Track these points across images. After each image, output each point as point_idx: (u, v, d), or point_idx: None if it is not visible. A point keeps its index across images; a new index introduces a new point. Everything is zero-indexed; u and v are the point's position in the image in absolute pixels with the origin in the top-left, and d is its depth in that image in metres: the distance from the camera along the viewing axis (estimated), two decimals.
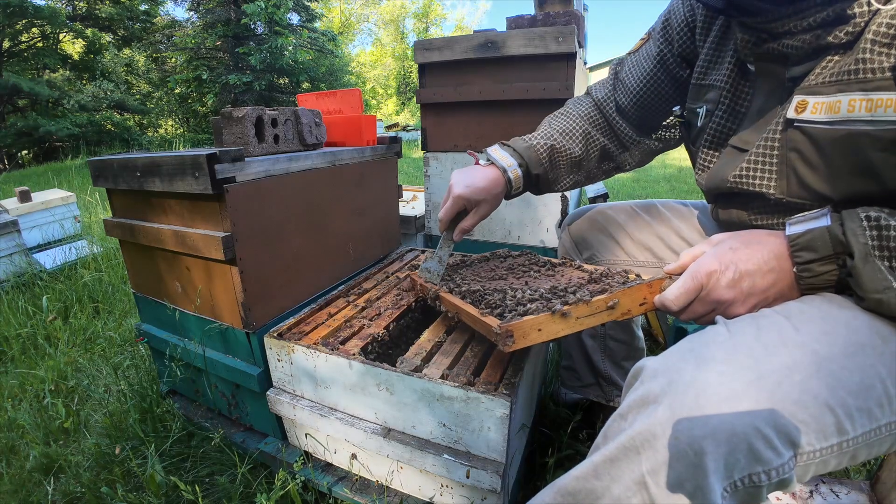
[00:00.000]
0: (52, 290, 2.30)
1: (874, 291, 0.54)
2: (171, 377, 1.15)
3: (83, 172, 7.15)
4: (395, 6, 31.26)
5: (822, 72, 0.61)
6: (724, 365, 0.52)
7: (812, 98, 0.61)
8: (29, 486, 1.16)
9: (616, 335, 1.23)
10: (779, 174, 0.67)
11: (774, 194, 0.68)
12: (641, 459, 0.50)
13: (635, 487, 0.50)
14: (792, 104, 0.63)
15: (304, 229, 1.16)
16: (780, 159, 0.67)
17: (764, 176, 0.69)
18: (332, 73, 17.09)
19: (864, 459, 0.55)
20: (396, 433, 0.90)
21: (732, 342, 0.55)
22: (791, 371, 0.50)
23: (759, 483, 0.48)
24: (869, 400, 0.51)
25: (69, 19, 12.98)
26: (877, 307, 0.55)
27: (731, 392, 0.49)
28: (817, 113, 0.60)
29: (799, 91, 0.63)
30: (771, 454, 0.47)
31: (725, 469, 0.47)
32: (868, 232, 0.54)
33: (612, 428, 0.56)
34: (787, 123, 0.64)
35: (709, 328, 0.61)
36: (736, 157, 0.75)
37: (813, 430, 0.49)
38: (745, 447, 0.47)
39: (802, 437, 0.49)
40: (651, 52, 0.95)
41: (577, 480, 0.56)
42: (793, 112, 0.63)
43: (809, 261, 0.58)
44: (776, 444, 0.47)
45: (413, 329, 1.18)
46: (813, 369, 0.51)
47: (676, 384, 0.51)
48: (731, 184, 0.74)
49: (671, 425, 0.49)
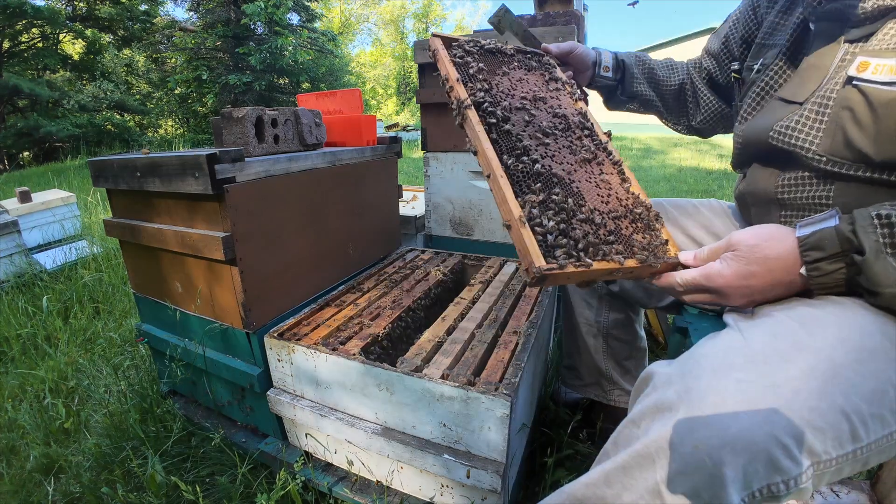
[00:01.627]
0: (52, 291, 2.30)
1: (888, 286, 0.54)
2: (171, 377, 1.15)
3: (83, 173, 7.15)
4: (395, 6, 31.26)
5: (885, 38, 0.64)
6: (741, 372, 0.51)
7: (875, 59, 0.63)
8: (29, 486, 1.16)
9: (618, 334, 1.23)
10: (826, 131, 0.68)
11: (816, 151, 0.69)
12: (656, 468, 0.49)
13: (648, 497, 0.50)
14: (854, 63, 0.65)
15: (304, 229, 1.16)
16: (830, 117, 0.67)
17: (811, 132, 0.69)
18: (332, 73, 17.07)
19: (874, 464, 0.54)
20: (396, 433, 0.90)
21: (748, 349, 0.54)
22: (807, 378, 0.50)
23: (778, 493, 0.47)
24: (882, 406, 0.51)
25: (69, 20, 12.97)
26: (891, 302, 0.55)
27: (748, 401, 0.48)
28: (878, 73, 0.62)
29: (863, 52, 0.65)
30: (790, 464, 0.47)
31: (744, 479, 0.46)
32: (879, 230, 0.55)
33: (624, 434, 0.56)
34: (847, 81, 0.66)
35: (722, 333, 0.61)
36: (782, 109, 0.76)
37: (830, 437, 0.48)
38: (764, 457, 0.46)
39: (819, 445, 0.48)
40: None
41: (587, 487, 0.55)
42: (854, 70, 0.65)
43: (817, 259, 0.58)
44: (795, 454, 0.47)
45: (413, 329, 1.18)
46: (829, 376, 0.50)
47: (692, 392, 0.51)
48: (774, 134, 0.74)
49: (688, 433, 0.48)
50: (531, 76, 0.91)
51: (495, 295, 1.23)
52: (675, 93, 1.12)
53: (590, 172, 0.80)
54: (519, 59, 0.94)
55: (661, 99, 1.12)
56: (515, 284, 1.30)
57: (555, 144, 0.79)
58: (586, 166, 0.80)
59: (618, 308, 1.21)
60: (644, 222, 0.77)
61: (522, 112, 0.81)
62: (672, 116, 1.15)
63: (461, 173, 1.66)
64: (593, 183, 0.77)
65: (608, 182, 0.80)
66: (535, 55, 0.98)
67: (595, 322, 1.23)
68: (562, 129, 0.83)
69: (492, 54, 0.91)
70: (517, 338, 1.00)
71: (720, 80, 1.04)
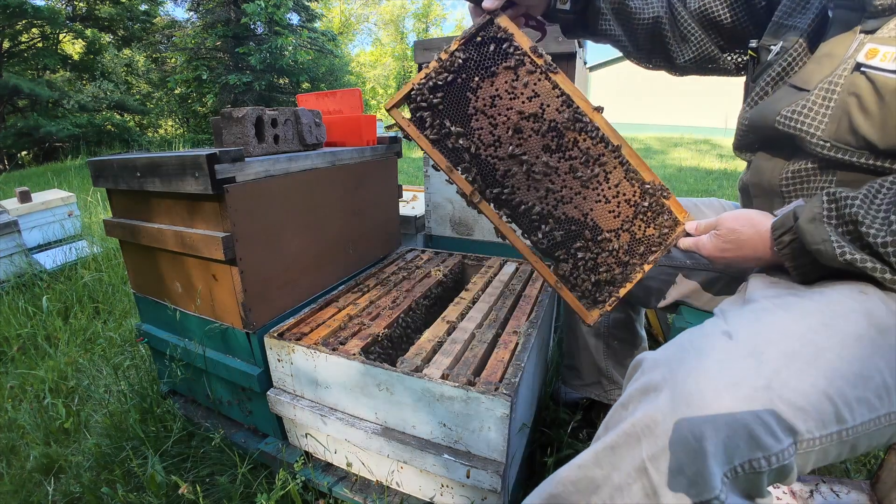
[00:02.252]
0: (52, 291, 2.30)
1: (813, 244, 0.60)
2: (171, 377, 1.15)
3: (83, 173, 7.15)
4: (395, 6, 31.26)
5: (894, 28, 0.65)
6: (724, 353, 0.52)
7: (883, 47, 0.65)
8: (29, 486, 1.16)
9: (619, 334, 1.23)
10: (831, 117, 0.69)
11: (820, 136, 0.70)
12: (642, 446, 0.50)
13: (635, 474, 0.51)
14: (863, 51, 0.67)
15: (304, 229, 1.16)
16: (837, 103, 0.69)
17: (817, 117, 0.70)
18: (332, 73, 17.06)
19: (864, 450, 0.55)
20: (396, 433, 0.90)
21: (732, 333, 0.56)
22: (789, 360, 0.51)
23: (760, 469, 0.49)
24: (867, 390, 0.52)
25: (69, 20, 12.96)
26: (826, 259, 0.60)
27: (730, 379, 0.49)
28: (886, 61, 0.64)
29: (872, 40, 0.66)
30: (771, 440, 0.48)
31: (725, 454, 0.48)
32: (825, 204, 0.61)
33: (614, 418, 0.57)
34: (855, 67, 0.67)
35: (708, 321, 0.63)
36: (792, 95, 0.76)
37: (812, 417, 0.49)
38: (745, 433, 0.47)
39: (801, 424, 0.49)
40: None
41: (578, 469, 0.56)
42: (863, 57, 0.66)
43: (780, 235, 0.66)
44: (776, 430, 0.48)
45: (413, 329, 1.18)
46: (811, 359, 0.52)
47: (677, 372, 0.52)
48: (781, 118, 0.75)
49: (672, 412, 0.49)
50: (498, 82, 0.80)
51: (495, 295, 1.23)
52: (650, 27, 0.97)
53: (597, 187, 0.83)
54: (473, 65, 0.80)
55: (631, 36, 0.99)
56: (515, 284, 1.30)
57: (558, 180, 0.82)
58: (593, 182, 0.82)
59: (618, 308, 1.21)
60: (654, 210, 0.84)
61: (515, 161, 0.80)
62: (642, 54, 1.02)
63: None
64: (602, 199, 0.83)
65: (615, 185, 0.83)
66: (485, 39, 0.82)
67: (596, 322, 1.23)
68: (556, 148, 0.80)
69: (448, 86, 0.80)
70: (517, 338, 1.01)
71: (724, 20, 0.93)
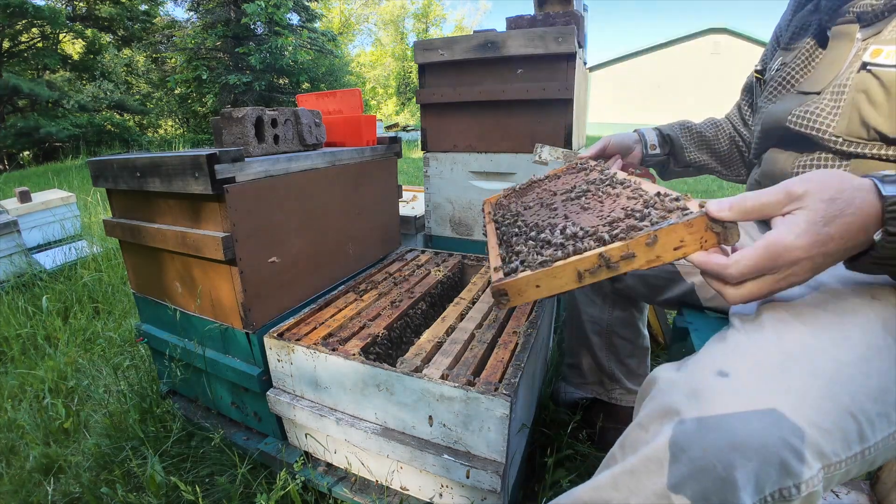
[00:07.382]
0: (51, 291, 2.30)
1: None
2: (170, 377, 1.15)
3: (83, 173, 7.15)
4: (395, 6, 31.24)
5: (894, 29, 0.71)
6: (747, 375, 0.51)
7: (887, 46, 0.70)
8: (29, 486, 1.16)
9: (622, 332, 1.23)
10: (842, 115, 0.73)
11: (832, 133, 0.74)
12: (664, 472, 0.49)
13: (656, 500, 0.49)
14: (868, 51, 0.72)
15: (304, 229, 1.16)
16: (847, 101, 0.73)
17: (828, 116, 0.75)
18: (332, 73, 17.06)
19: (880, 464, 0.54)
20: (396, 433, 0.90)
21: (753, 352, 0.54)
22: (814, 379, 0.49)
23: (790, 497, 0.47)
24: (887, 405, 0.50)
25: (69, 19, 12.96)
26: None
27: (756, 404, 0.48)
28: (890, 58, 0.69)
29: (876, 41, 0.72)
30: (801, 467, 0.46)
31: (756, 484, 0.46)
32: None
33: (631, 438, 0.55)
34: (861, 66, 0.72)
35: (727, 336, 0.59)
36: (800, 98, 0.82)
37: (838, 439, 0.48)
38: (776, 461, 0.45)
39: (828, 447, 0.47)
40: None
41: (594, 490, 0.55)
42: (868, 57, 0.71)
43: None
44: (806, 457, 0.46)
45: (413, 329, 1.18)
46: (834, 376, 0.50)
47: (699, 395, 0.50)
48: (792, 118, 0.80)
49: (697, 438, 0.48)
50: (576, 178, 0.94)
51: None
52: (728, 147, 1.14)
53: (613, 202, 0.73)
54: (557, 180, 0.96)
55: (717, 158, 1.15)
56: None
57: None
58: None
59: (622, 306, 1.21)
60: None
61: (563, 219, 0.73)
62: (731, 170, 1.16)
63: (461, 173, 1.66)
64: None
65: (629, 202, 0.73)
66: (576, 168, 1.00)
67: (599, 319, 1.23)
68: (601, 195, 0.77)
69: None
70: (517, 338, 1.00)
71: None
